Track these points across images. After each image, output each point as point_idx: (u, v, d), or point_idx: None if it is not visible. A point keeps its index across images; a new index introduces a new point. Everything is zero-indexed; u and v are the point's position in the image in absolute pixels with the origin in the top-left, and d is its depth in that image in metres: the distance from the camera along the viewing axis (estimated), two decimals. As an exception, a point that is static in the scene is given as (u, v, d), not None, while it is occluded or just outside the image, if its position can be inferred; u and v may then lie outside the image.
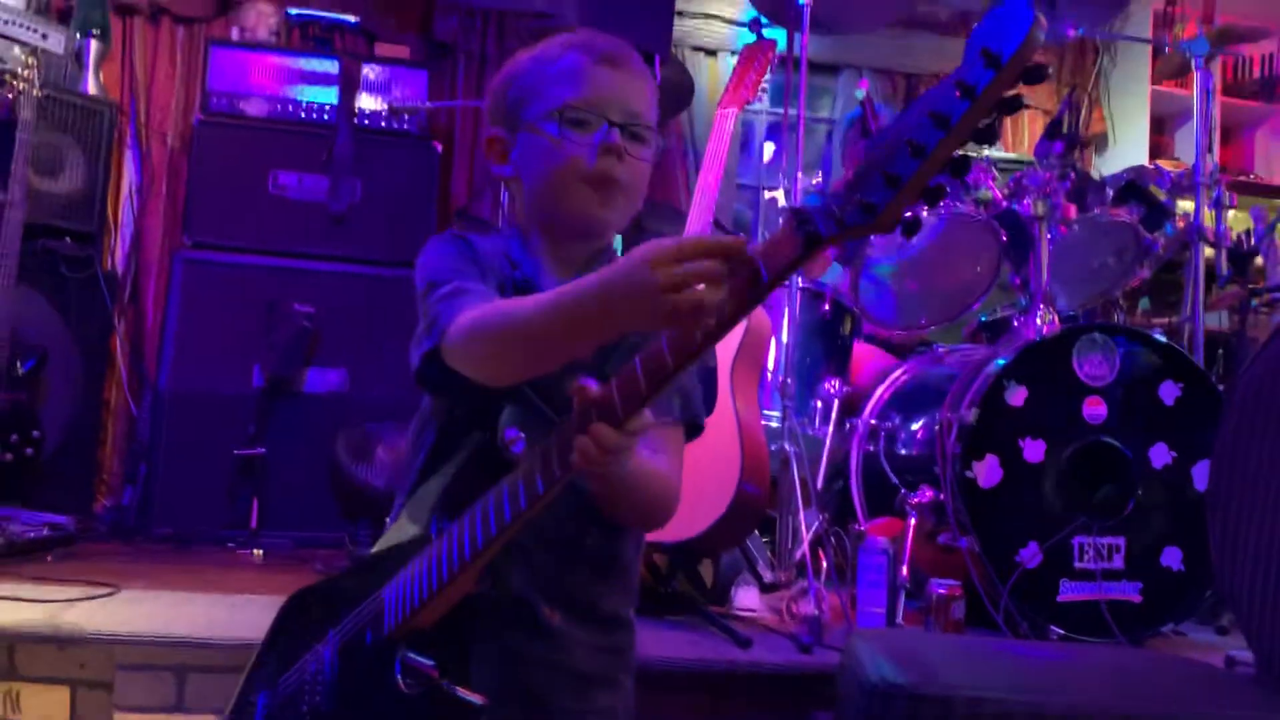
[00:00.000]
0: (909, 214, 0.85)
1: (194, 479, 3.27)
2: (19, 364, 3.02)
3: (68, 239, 3.35)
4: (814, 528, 2.64)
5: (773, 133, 5.02)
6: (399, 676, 1.15)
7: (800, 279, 2.94)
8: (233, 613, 2.19)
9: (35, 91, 3.03)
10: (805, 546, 2.54)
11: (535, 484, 1.05)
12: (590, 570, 1.31)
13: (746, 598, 2.56)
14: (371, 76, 3.64)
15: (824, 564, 2.53)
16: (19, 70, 3.02)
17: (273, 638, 1.36)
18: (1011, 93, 0.81)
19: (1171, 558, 2.47)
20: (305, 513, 3.28)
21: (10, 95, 3.05)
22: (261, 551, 3.09)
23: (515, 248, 1.36)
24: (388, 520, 1.35)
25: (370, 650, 1.20)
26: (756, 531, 2.78)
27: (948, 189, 0.86)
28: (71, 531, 2.90)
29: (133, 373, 3.89)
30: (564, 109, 1.27)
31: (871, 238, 2.91)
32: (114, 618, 2.08)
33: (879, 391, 2.97)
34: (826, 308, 3.07)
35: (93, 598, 2.21)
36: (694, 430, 1.36)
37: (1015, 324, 2.90)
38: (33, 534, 2.76)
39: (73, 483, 3.31)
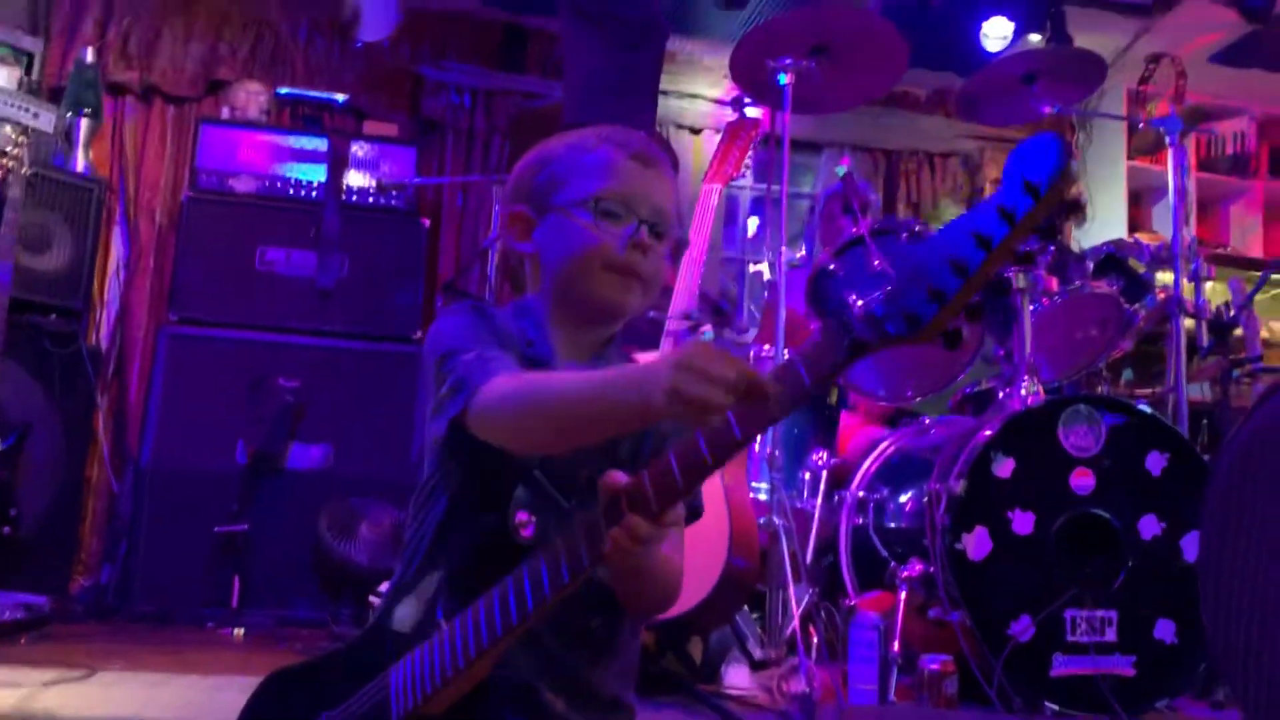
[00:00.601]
0: (950, 327, 0.92)
1: (174, 557, 3.23)
2: (-1, 441, 2.99)
3: (53, 315, 3.34)
4: (804, 603, 2.61)
5: (757, 207, 5.09)
6: None
7: (788, 351, 2.95)
8: (211, 695, 2.14)
9: (24, 170, 3.05)
10: (795, 622, 2.51)
11: (560, 572, 1.07)
12: (593, 655, 1.29)
13: (737, 676, 2.52)
14: (360, 154, 3.68)
15: (815, 640, 2.49)
16: (8, 149, 3.05)
17: (254, 714, 1.31)
18: (1047, 220, 0.88)
19: (1165, 630, 2.45)
20: (287, 591, 3.23)
21: (-1, 173, 3.07)
22: (242, 631, 3.04)
23: (530, 325, 1.36)
24: (380, 592, 1.32)
25: None
26: (746, 607, 2.75)
27: (985, 306, 0.93)
28: (47, 612, 2.84)
29: (115, 449, 3.86)
30: (599, 199, 1.31)
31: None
32: (89, 701, 2.03)
33: (867, 463, 2.96)
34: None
35: (68, 680, 2.16)
36: (694, 514, 1.37)
37: (1000, 395, 2.91)
38: (7, 615, 2.71)
39: (51, 561, 3.25)
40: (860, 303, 0.94)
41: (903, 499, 2.79)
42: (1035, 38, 4.52)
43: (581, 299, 1.34)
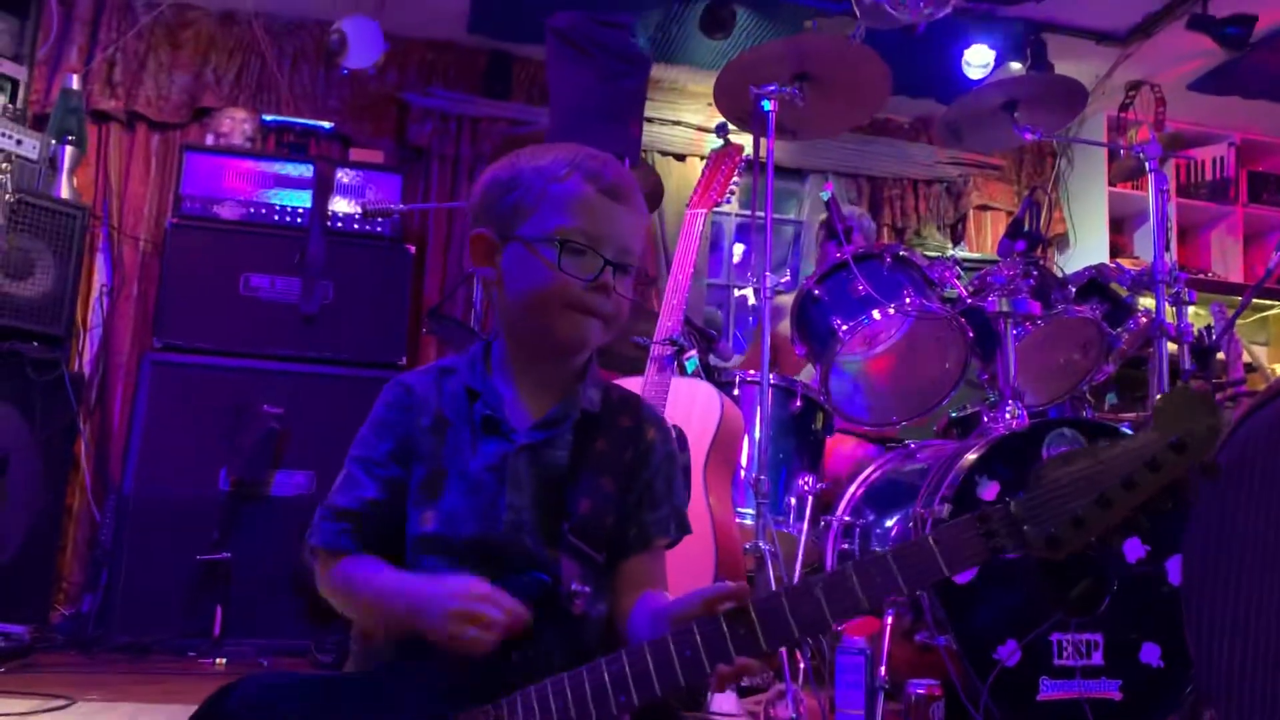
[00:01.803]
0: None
1: (156, 586, 3.20)
2: (-21, 469, 2.97)
3: (35, 342, 3.32)
4: (790, 628, 2.60)
5: (741, 234, 5.11)
6: None
7: (772, 376, 2.96)
8: (192, 724, 2.11)
9: (7, 196, 3.05)
10: (783, 648, 2.50)
11: (652, 686, 1.09)
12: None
13: (723, 702, 2.50)
14: (345, 180, 3.69)
15: (801, 665, 2.48)
16: (-8, 175, 3.04)
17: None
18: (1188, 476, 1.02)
19: (1150, 654, 2.44)
20: (270, 620, 3.20)
21: (-18, 200, 3.07)
22: (225, 660, 3.01)
23: (479, 375, 1.34)
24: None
25: None
26: (732, 632, 2.73)
27: (1117, 541, 1.05)
28: (26, 642, 2.82)
29: (96, 477, 3.83)
30: (565, 239, 1.27)
31: (841, 334, 2.95)
32: (67, 731, 2.00)
33: (853, 488, 2.96)
34: (798, 404, 3.07)
35: (47, 710, 2.14)
36: (683, 531, 1.38)
37: (985, 419, 2.92)
38: (-14, 645, 2.67)
39: (30, 591, 3.22)
40: (1004, 503, 1.04)
41: (889, 523, 2.79)
42: (1016, 65, 4.57)
43: (540, 334, 1.32)
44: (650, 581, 1.30)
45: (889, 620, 2.44)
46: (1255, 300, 4.38)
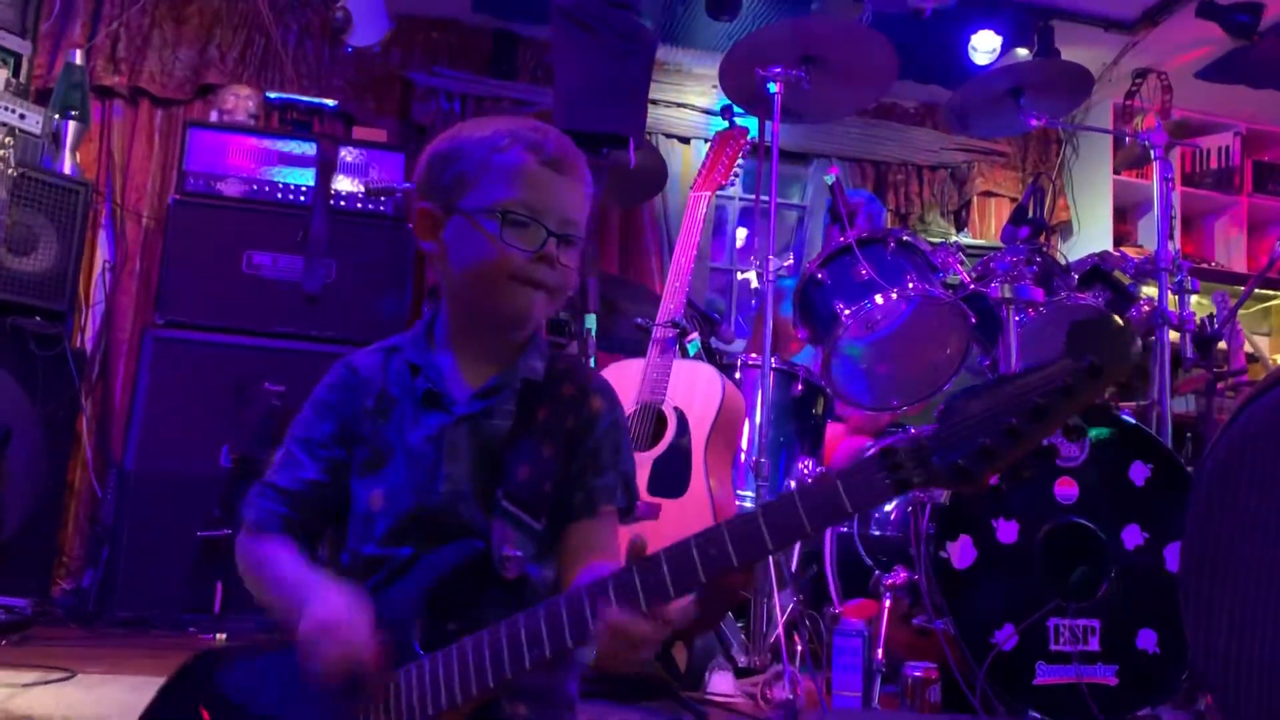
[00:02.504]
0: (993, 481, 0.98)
1: (157, 561, 3.21)
2: (-19, 443, 2.97)
3: (37, 317, 3.32)
4: (789, 610, 2.62)
5: (745, 218, 5.10)
6: None
7: (774, 359, 2.96)
8: (192, 698, 2.13)
9: (10, 171, 3.05)
10: (780, 630, 2.51)
11: (564, 638, 1.08)
12: (550, 665, 1.25)
13: (721, 682, 2.52)
14: (349, 159, 3.68)
15: (799, 647, 2.49)
16: (-5, 149, 3.04)
17: (173, 700, 1.28)
18: (1101, 400, 0.93)
19: (1147, 640, 2.46)
20: (271, 596, 3.21)
21: (-15, 174, 3.06)
22: (224, 636, 3.02)
23: (421, 350, 1.35)
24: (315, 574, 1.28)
25: None
26: (731, 614, 2.75)
27: (1029, 474, 0.99)
28: (28, 615, 2.83)
29: (98, 452, 3.84)
30: (506, 210, 1.26)
31: (844, 318, 2.95)
32: (69, 703, 2.02)
33: (852, 472, 2.96)
34: (799, 388, 3.08)
35: (48, 682, 2.15)
36: (626, 515, 1.35)
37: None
38: (-12, 618, 2.69)
39: (32, 565, 3.23)
40: (912, 438, 1.00)
41: (887, 508, 2.80)
42: (1023, 51, 4.56)
43: (485, 308, 1.32)
44: (598, 548, 1.28)
45: (887, 604, 2.46)
46: (1258, 290, 4.38)
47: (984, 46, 4.56)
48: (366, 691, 1.14)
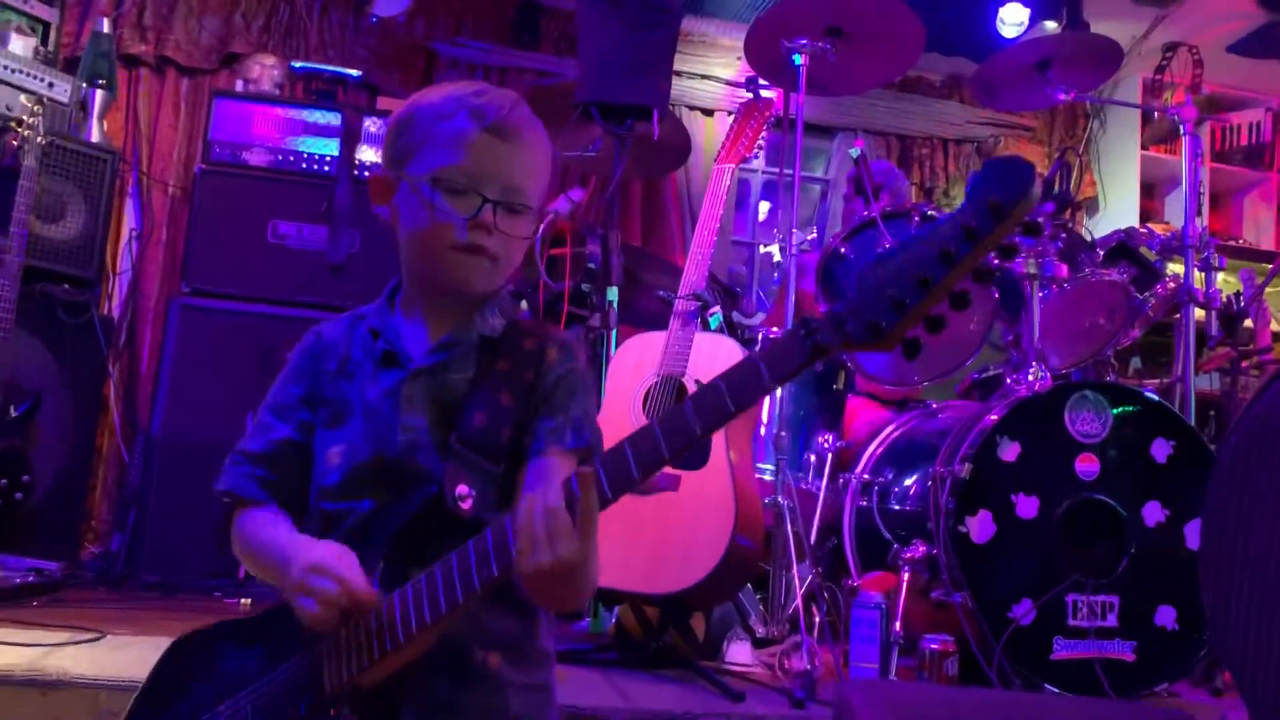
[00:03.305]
0: (910, 335, 0.97)
1: (183, 526, 3.25)
2: (12, 408, 3.02)
3: (66, 284, 3.36)
4: (807, 582, 2.63)
5: (768, 192, 5.09)
6: None
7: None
8: (219, 660, 2.17)
9: (39, 139, 3.07)
10: (798, 601, 2.52)
11: (490, 565, 1.08)
12: (522, 617, 1.28)
13: (739, 652, 2.54)
14: (373, 129, 3.68)
15: (817, 619, 2.51)
16: (24, 118, 3.06)
17: (162, 687, 1.31)
18: (1009, 239, 0.95)
19: (1165, 617, 2.46)
20: (295, 562, 3.25)
21: (14, 142, 3.09)
22: (249, 601, 3.06)
23: (383, 315, 1.37)
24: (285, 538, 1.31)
25: (305, 708, 1.18)
26: (749, 585, 2.77)
27: (947, 319, 0.97)
28: (58, 578, 2.88)
29: (125, 419, 3.89)
30: (440, 177, 1.27)
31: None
32: (98, 663, 2.05)
33: (872, 447, 2.97)
34: (820, 362, 3.08)
35: (77, 643, 2.19)
36: (586, 459, 1.30)
37: (1008, 381, 2.92)
38: (18, 580, 2.74)
39: (61, 529, 3.29)
40: (827, 308, 1.00)
41: (907, 482, 2.81)
42: (1051, 24, 4.51)
43: (429, 274, 1.34)
44: (551, 484, 1.28)
45: (905, 577, 2.47)
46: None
47: (1012, 19, 4.51)
48: (359, 617, 1.15)
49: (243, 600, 3.06)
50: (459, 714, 1.22)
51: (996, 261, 0.97)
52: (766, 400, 2.89)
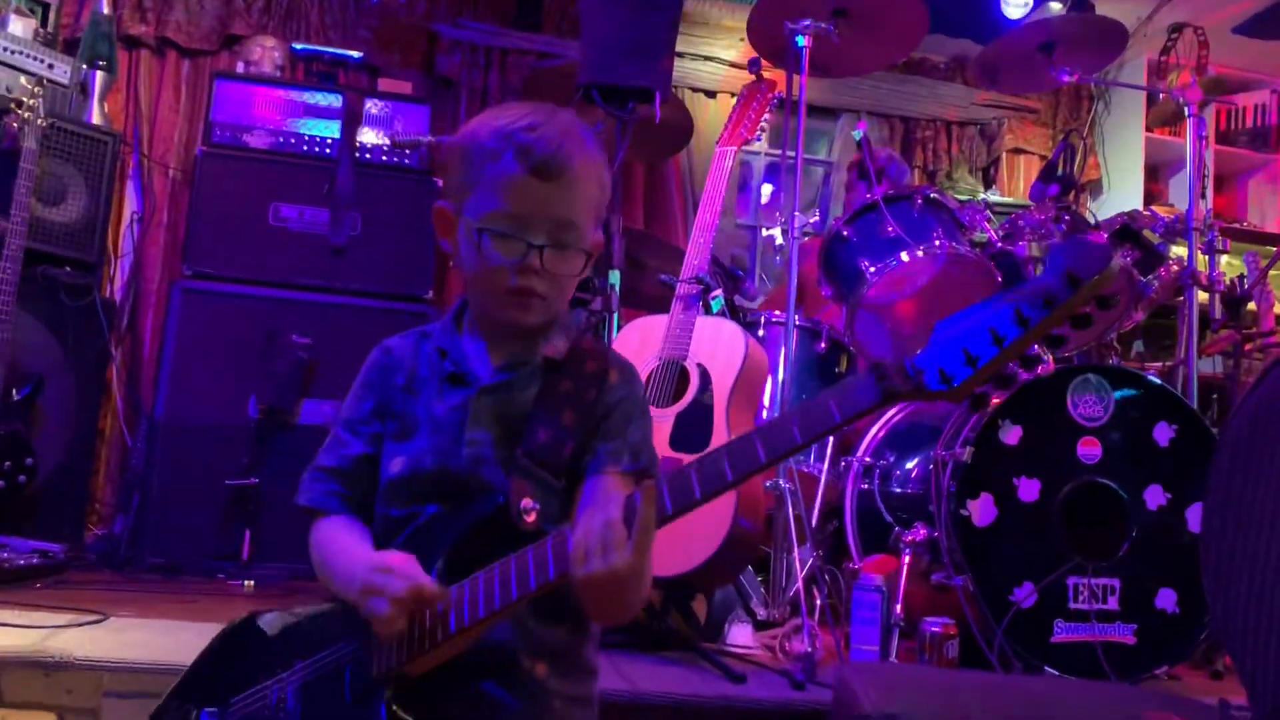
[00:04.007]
0: (979, 390, 1.04)
1: (186, 509, 3.26)
2: (14, 391, 3.02)
3: (67, 267, 3.36)
4: (808, 565, 2.64)
5: (770, 174, 5.07)
6: None
7: (798, 317, 2.95)
8: (222, 642, 2.18)
9: (40, 121, 3.06)
10: (799, 584, 2.53)
11: (547, 570, 1.12)
12: (571, 628, 1.31)
13: (740, 634, 2.55)
14: (374, 111, 3.67)
15: (818, 601, 2.52)
16: (24, 99, 3.05)
17: (217, 654, 1.36)
18: (1084, 310, 1.01)
19: (1166, 600, 2.46)
20: (298, 544, 3.20)
21: (15, 124, 3.08)
22: (253, 583, 3.07)
23: (449, 335, 1.40)
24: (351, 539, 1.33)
25: (350, 691, 1.21)
26: (750, 568, 2.77)
27: (1019, 375, 1.04)
28: (61, 560, 2.88)
29: (128, 402, 3.89)
30: (487, 225, 1.29)
31: (869, 275, 2.94)
32: (102, 644, 2.06)
33: (874, 430, 2.97)
34: (823, 345, 3.08)
35: (81, 624, 2.20)
36: (642, 479, 1.34)
37: (1010, 364, 2.91)
38: (22, 561, 2.74)
39: (65, 511, 3.29)
40: (904, 356, 1.06)
41: (909, 465, 2.81)
42: (1056, 5, 4.48)
43: (485, 312, 1.38)
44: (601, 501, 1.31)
45: (906, 560, 2.47)
46: (1291, 251, 4.31)
47: (1017, 0, 4.48)
48: (423, 612, 1.18)
49: (246, 582, 3.07)
50: (503, 718, 1.25)
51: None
52: (768, 383, 2.88)
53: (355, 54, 4.13)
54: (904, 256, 2.90)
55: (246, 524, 3.22)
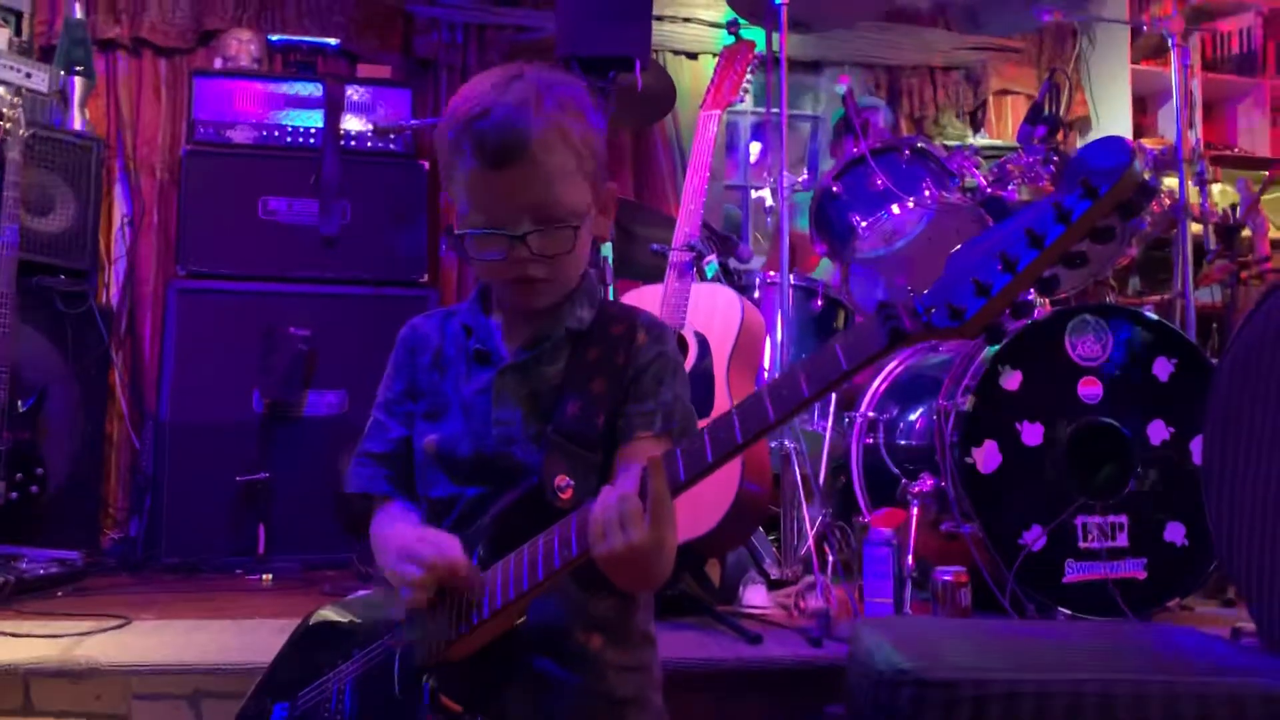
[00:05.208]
0: (995, 320, 0.91)
1: (199, 507, 3.28)
2: (19, 402, 3.03)
3: (62, 275, 3.36)
4: (818, 522, 2.66)
5: (758, 132, 5.04)
6: (425, 708, 1.19)
7: (793, 276, 2.96)
8: (244, 637, 2.21)
9: (22, 131, 3.05)
10: (810, 542, 2.55)
11: (571, 546, 1.11)
12: (620, 592, 1.30)
13: (754, 595, 2.57)
14: (355, 98, 3.66)
15: (830, 558, 2.54)
16: (4, 110, 3.04)
17: (292, 650, 1.40)
18: (1105, 223, 0.87)
19: (1175, 533, 2.48)
20: (312, 535, 3.29)
21: (-3, 136, 3.07)
22: (270, 576, 3.10)
23: (475, 314, 1.40)
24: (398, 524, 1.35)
25: (397, 677, 1.23)
26: (761, 529, 2.79)
27: (1036, 303, 0.89)
28: (80, 566, 2.91)
29: (133, 405, 3.91)
30: (468, 224, 1.27)
31: (861, 230, 2.93)
32: (127, 649, 2.09)
33: (875, 383, 2.98)
34: (819, 303, 3.08)
35: (105, 630, 2.23)
36: (678, 441, 1.31)
37: (1006, 310, 2.91)
38: (41, 571, 2.76)
39: (79, 518, 3.32)
40: (910, 292, 0.95)
41: (912, 417, 2.82)
42: (1034, -57, 4.42)
43: (498, 298, 1.39)
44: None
45: (915, 511, 2.49)
46: (1283, 175, 4.30)
47: (994, -60, 4.44)
48: (456, 588, 1.19)
49: (264, 576, 3.10)
50: (561, 695, 1.27)
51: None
52: (767, 345, 2.89)
53: (332, 41, 4.09)
54: (894, 209, 2.90)
55: (260, 518, 3.25)
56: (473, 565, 1.18)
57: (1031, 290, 0.90)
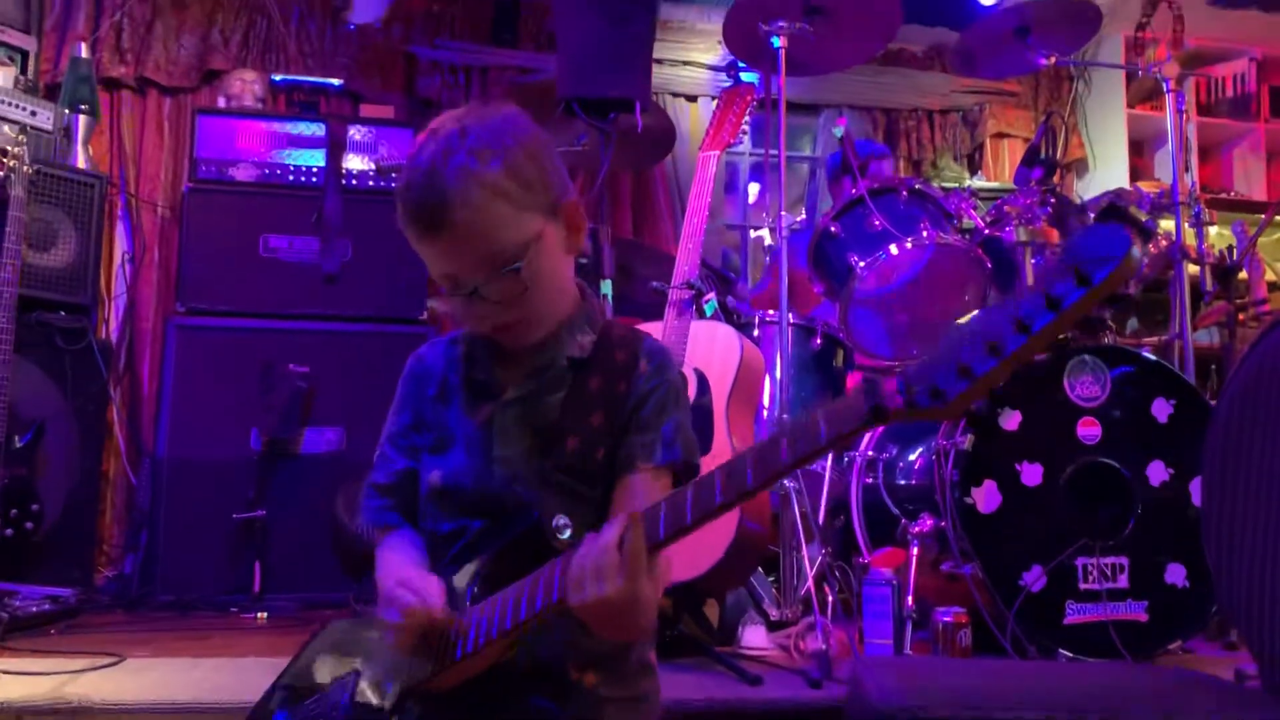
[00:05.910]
0: (975, 406, 0.90)
1: (195, 545, 3.27)
2: (17, 438, 3.02)
3: (62, 311, 3.37)
4: (818, 562, 2.64)
5: (756, 173, 5.08)
6: None
7: (792, 315, 2.96)
8: (239, 676, 2.18)
9: (26, 168, 3.07)
10: (810, 582, 2.53)
11: (552, 591, 1.12)
12: None
13: (754, 636, 2.55)
14: (357, 137, 3.68)
15: (830, 598, 2.52)
16: (9, 148, 3.06)
17: (301, 658, 1.40)
18: (1097, 313, 0.85)
19: (1175, 574, 2.47)
20: (308, 574, 3.27)
21: (1, 173, 3.09)
22: (266, 615, 3.08)
23: (478, 342, 1.39)
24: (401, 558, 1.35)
25: (386, 703, 1.23)
26: (761, 569, 2.78)
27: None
28: (74, 604, 2.89)
29: (130, 441, 3.90)
30: (437, 282, 1.30)
31: (859, 270, 2.95)
32: (120, 687, 2.07)
33: (875, 423, 2.97)
34: (818, 341, 3.09)
35: (98, 668, 2.21)
36: (689, 472, 1.32)
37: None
38: (35, 608, 2.75)
39: (74, 554, 3.30)
40: (898, 370, 0.94)
41: (912, 456, 2.81)
42: (1029, -12, 4.48)
43: None
44: (630, 505, 1.26)
45: (915, 551, 2.48)
46: (1278, 218, 4.33)
47: (990, -15, 4.49)
48: (434, 632, 1.20)
49: (259, 614, 3.08)
50: None
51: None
52: (766, 382, 2.89)
53: (335, 82, 4.14)
54: (893, 249, 2.91)
55: (256, 556, 3.23)
56: (450, 612, 1.19)
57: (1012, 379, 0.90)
